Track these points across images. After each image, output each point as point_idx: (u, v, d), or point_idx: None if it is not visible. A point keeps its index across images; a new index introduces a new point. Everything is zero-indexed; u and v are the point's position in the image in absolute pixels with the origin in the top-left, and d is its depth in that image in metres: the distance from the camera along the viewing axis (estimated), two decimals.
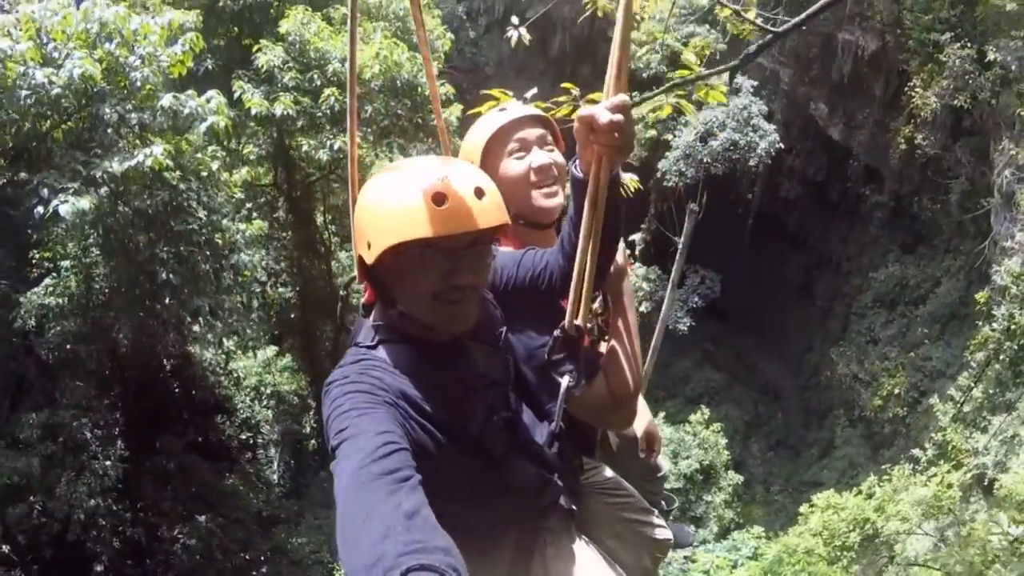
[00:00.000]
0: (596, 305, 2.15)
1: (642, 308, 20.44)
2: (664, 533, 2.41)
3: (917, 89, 18.17)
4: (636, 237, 21.42)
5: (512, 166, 2.21)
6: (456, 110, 12.70)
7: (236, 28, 14.36)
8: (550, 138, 2.28)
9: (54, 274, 12.36)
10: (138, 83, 9.08)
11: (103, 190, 9.05)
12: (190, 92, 9.66)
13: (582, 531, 2.14)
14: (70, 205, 8.07)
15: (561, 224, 1.98)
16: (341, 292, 2.06)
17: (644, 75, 19.53)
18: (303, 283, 17.74)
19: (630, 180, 3.69)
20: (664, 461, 3.03)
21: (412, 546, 1.18)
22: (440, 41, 15.04)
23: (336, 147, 13.15)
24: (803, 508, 13.94)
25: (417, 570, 1.14)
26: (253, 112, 12.06)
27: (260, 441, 18.95)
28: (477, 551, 1.36)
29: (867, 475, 15.64)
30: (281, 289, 15.82)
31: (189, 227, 10.60)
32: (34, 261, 12.70)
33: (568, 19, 24.86)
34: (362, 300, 1.87)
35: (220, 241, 11.03)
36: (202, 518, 13.70)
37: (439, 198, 1.52)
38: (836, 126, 23.03)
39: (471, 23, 28.65)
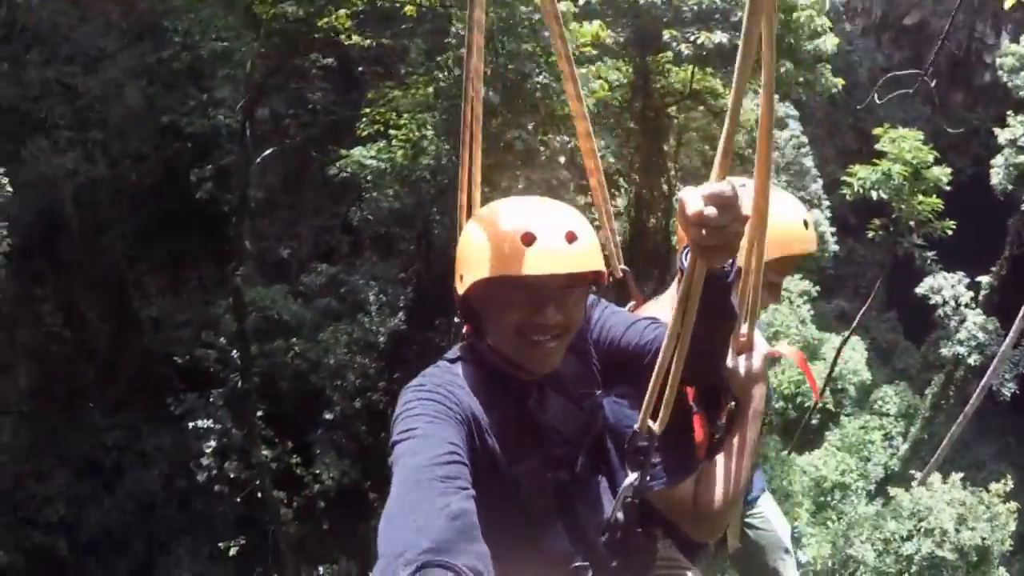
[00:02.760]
0: (722, 419, 2.02)
1: (970, 360, 17.78)
2: None
3: None
4: (984, 280, 18.95)
5: None
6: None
7: None
8: None
9: (383, 140, 12.24)
10: None
11: None
12: None
13: None
14: None
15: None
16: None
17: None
18: (635, 224, 16.68)
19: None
20: (791, 561, 2.86)
21: (442, 545, 1.18)
22: (823, 37, 13.13)
23: (700, 42, 12.21)
24: None
25: (434, 566, 1.14)
26: None
27: None
28: None
29: None
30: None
31: (523, 45, 9.86)
32: (364, 116, 12.67)
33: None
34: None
35: (550, 78, 10.05)
36: None
37: (528, 238, 1.54)
38: None
39: (848, 20, 26.51)
